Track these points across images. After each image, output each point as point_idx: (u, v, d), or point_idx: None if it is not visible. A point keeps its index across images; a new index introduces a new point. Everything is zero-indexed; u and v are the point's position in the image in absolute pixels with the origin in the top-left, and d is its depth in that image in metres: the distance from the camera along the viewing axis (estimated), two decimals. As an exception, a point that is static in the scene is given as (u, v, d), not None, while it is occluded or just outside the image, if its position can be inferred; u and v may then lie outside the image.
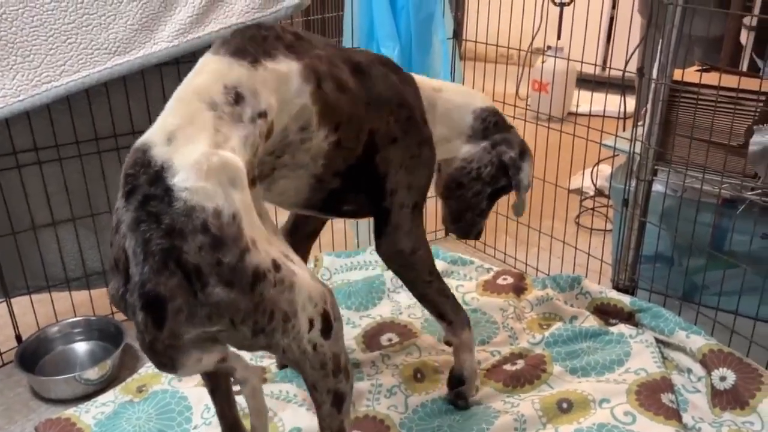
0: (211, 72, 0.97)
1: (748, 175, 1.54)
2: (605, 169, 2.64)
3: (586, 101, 3.70)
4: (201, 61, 1.01)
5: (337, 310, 1.04)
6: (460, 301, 1.48)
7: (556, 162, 2.01)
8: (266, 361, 1.61)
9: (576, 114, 3.58)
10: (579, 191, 2.71)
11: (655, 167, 1.64)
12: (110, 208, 1.71)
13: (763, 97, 1.50)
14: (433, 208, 1.93)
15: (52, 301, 1.73)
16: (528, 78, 3.67)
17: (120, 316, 1.79)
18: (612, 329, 1.68)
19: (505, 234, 2.18)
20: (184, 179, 0.83)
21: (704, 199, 1.62)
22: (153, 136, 0.88)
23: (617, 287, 1.83)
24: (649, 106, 1.58)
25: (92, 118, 1.64)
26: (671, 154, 1.56)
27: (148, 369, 1.60)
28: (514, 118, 1.65)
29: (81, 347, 1.73)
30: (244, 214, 0.86)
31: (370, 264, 2.01)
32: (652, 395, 1.45)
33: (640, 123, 1.68)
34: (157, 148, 0.86)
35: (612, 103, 1.95)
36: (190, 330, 0.84)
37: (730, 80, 1.50)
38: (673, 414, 1.39)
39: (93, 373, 1.57)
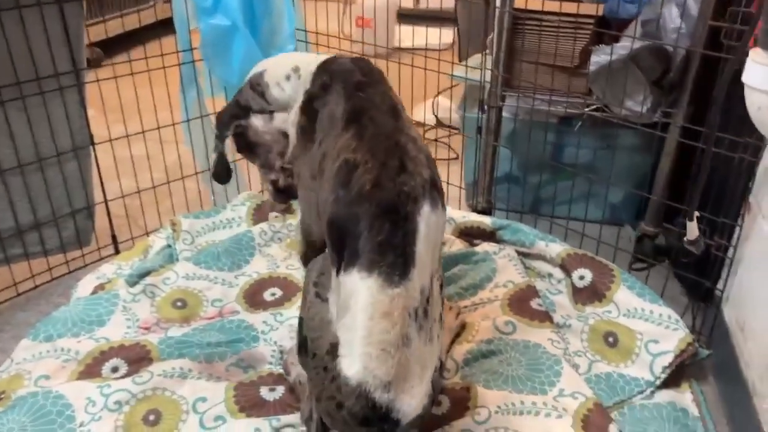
0: (399, 309, 1.04)
1: (585, 93, 1.70)
2: (442, 101, 2.75)
3: (407, 35, 3.79)
4: (375, 299, 1.04)
5: None
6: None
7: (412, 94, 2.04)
8: (144, 337, 1.49)
9: (400, 48, 3.66)
10: (420, 124, 2.80)
11: (503, 93, 1.74)
12: None
13: (590, 21, 1.64)
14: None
15: None
16: (350, 15, 3.67)
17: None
18: (477, 249, 1.79)
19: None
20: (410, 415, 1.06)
21: (545, 119, 1.76)
22: (366, 381, 1.03)
23: (476, 210, 1.95)
24: (494, 34, 1.65)
25: None
26: (519, 79, 1.66)
27: (2, 373, 1.40)
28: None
29: None
30: None
31: (233, 221, 1.92)
32: (523, 303, 1.58)
33: (486, 51, 1.76)
34: (379, 391, 1.03)
35: (431, 35, 2.02)
36: None
37: (553, 6, 1.61)
38: (545, 316, 1.55)
39: (-68, 391, 1.34)
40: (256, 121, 1.47)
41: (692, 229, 1.07)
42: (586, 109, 1.69)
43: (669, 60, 1.57)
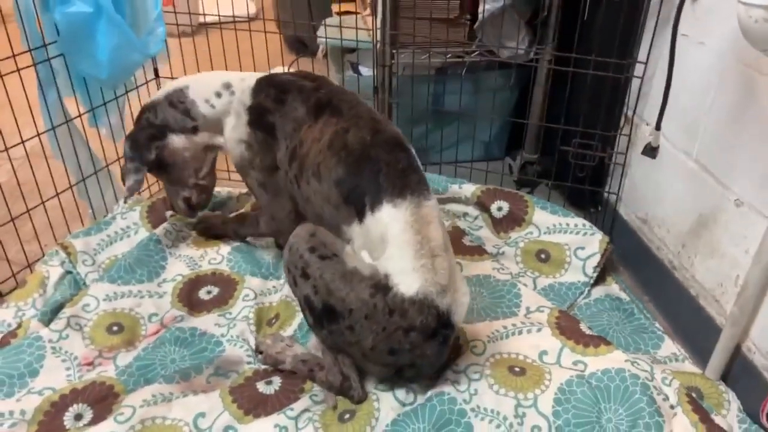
0: (436, 218, 1.19)
1: (465, 42, 1.82)
2: (279, 70, 2.71)
3: (211, 8, 3.61)
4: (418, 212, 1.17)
5: None
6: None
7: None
8: (97, 374, 1.31)
9: (206, 24, 3.48)
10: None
11: (393, 51, 1.79)
12: None
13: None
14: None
15: None
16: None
17: None
18: (391, 205, 1.85)
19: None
20: (462, 313, 1.20)
21: (427, 72, 1.86)
22: (429, 291, 1.13)
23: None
24: (380, -6, 1.69)
25: None
26: (413, 34, 1.73)
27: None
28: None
29: None
30: None
31: (130, 229, 1.74)
32: (458, 243, 1.70)
33: (366, 12, 1.79)
34: (440, 298, 1.14)
35: (237, 7, 2.03)
36: None
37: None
38: (481, 250, 1.68)
39: None
40: (176, 140, 1.49)
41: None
42: (472, 56, 1.82)
43: (539, 1, 1.75)
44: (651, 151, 1.25)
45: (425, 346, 1.15)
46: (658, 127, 1.25)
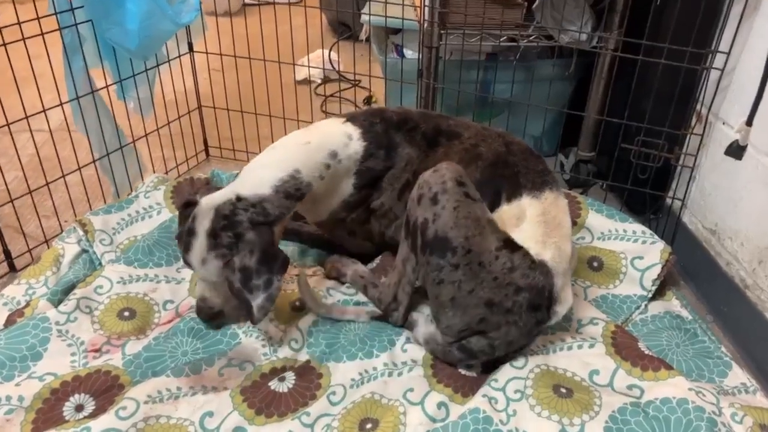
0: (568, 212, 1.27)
1: (519, 25, 1.67)
2: (319, 53, 2.60)
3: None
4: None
5: None
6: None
7: (278, 54, 1.87)
8: (103, 362, 1.22)
9: (260, 4, 3.41)
10: (307, 81, 2.64)
11: (441, 32, 1.65)
12: None
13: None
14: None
15: None
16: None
17: None
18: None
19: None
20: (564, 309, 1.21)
21: (477, 57, 1.72)
22: (554, 266, 1.16)
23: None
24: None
25: None
26: (465, 14, 1.59)
27: None
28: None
29: None
30: None
31: (152, 209, 1.64)
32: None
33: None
34: (557, 278, 1.17)
35: None
36: None
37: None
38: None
39: None
40: (277, 228, 1.26)
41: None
42: (528, 40, 1.67)
43: (605, -18, 1.59)
44: (737, 150, 1.09)
45: (522, 316, 1.14)
46: (749, 123, 1.08)
